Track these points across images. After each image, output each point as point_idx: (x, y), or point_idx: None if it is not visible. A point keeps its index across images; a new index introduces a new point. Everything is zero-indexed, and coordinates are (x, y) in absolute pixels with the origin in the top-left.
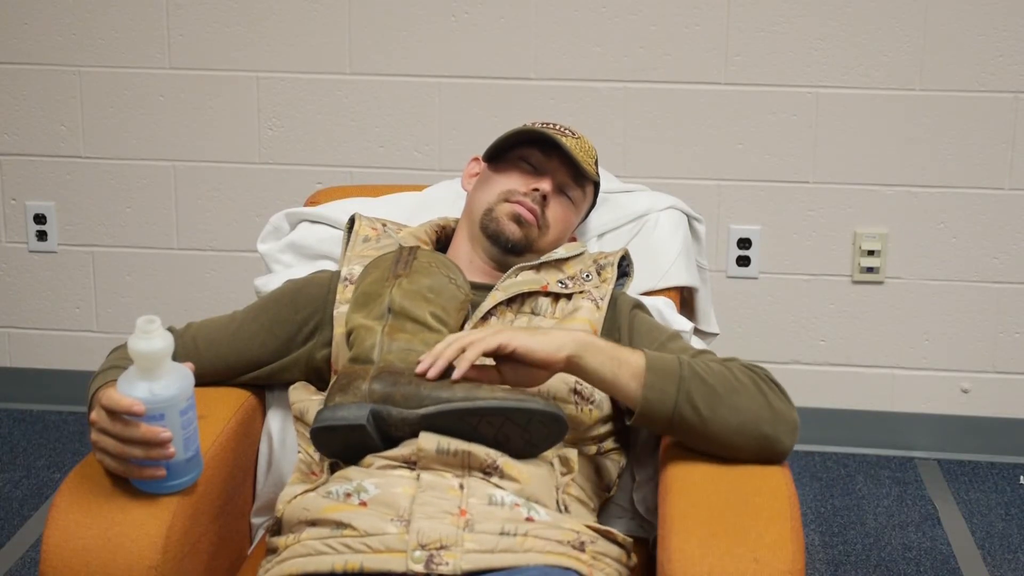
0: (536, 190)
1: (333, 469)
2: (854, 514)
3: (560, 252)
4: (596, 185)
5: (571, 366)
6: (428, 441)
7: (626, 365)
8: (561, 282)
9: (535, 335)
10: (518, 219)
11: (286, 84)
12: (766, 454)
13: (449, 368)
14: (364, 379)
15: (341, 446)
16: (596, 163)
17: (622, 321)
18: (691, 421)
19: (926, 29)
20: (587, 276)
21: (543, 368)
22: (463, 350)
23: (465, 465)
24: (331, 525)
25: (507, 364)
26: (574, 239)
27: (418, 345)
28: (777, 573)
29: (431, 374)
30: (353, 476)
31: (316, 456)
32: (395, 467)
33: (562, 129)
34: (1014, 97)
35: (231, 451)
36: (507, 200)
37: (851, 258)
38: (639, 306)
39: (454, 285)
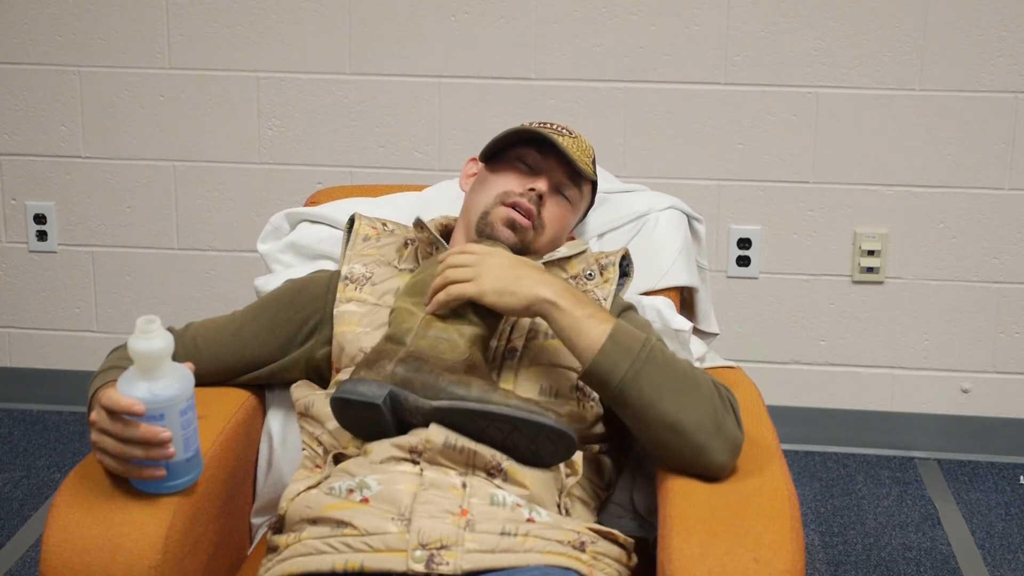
0: (532, 190)
1: (337, 461)
2: (854, 514)
3: (562, 251)
4: (594, 184)
5: (538, 316)
6: (437, 434)
7: (585, 336)
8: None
9: (506, 290)
10: (512, 224)
11: (286, 84)
12: (695, 463)
13: (474, 361)
14: (390, 359)
15: (356, 420)
16: (594, 162)
17: None
18: (633, 400)
19: (926, 29)
20: (589, 275)
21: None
22: (444, 288)
23: (470, 464)
24: (332, 524)
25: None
26: (573, 238)
27: (453, 335)
28: (777, 573)
29: (430, 310)
30: (356, 471)
31: (320, 450)
32: (399, 461)
33: (559, 128)
34: (1014, 97)
35: (231, 451)
36: (503, 202)
37: (851, 258)
38: (628, 308)
39: None
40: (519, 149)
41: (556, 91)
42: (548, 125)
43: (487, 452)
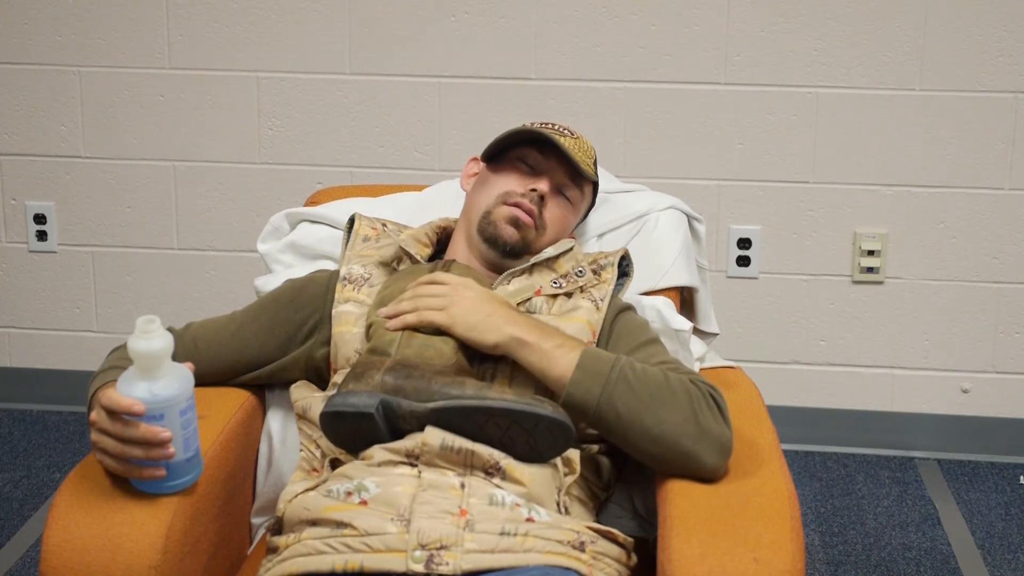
0: (533, 190)
1: (334, 466)
2: (854, 514)
3: (549, 251)
4: (595, 185)
5: (507, 354)
6: (433, 436)
7: (556, 365)
8: (555, 282)
9: (476, 326)
10: (515, 222)
11: (286, 84)
12: (687, 469)
13: (461, 365)
14: (378, 370)
15: (349, 434)
16: (595, 163)
17: (607, 324)
18: (611, 422)
19: (926, 29)
20: (579, 272)
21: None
22: (415, 309)
23: (467, 464)
24: (331, 524)
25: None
26: (573, 239)
27: (437, 343)
28: (777, 573)
29: (390, 324)
30: (353, 474)
31: (318, 453)
32: (396, 464)
33: (560, 129)
34: (1014, 97)
35: (231, 451)
36: (504, 202)
37: (851, 258)
38: (626, 309)
39: None
40: (520, 149)
41: (556, 91)
42: (550, 125)
43: (484, 451)
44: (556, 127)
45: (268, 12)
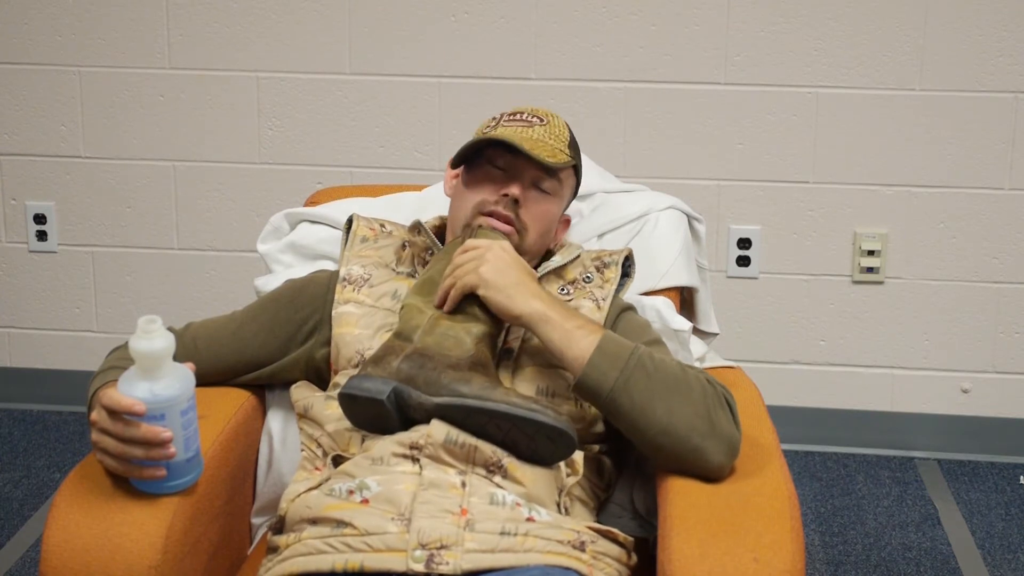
0: (506, 195)
1: (336, 463)
2: (854, 514)
3: (556, 260)
4: (575, 166)
5: (527, 327)
6: (438, 430)
7: (575, 345)
8: (562, 289)
9: (503, 290)
10: None
11: (286, 84)
12: (693, 465)
13: (478, 357)
14: (397, 356)
15: (364, 416)
16: (571, 144)
17: (608, 324)
18: (625, 409)
19: (926, 29)
20: (587, 278)
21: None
22: (452, 286)
23: (470, 459)
24: (332, 524)
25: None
26: (568, 220)
27: (459, 332)
28: (777, 573)
29: (445, 308)
30: (356, 472)
31: (319, 452)
32: (399, 458)
33: (528, 118)
34: (1014, 97)
35: (231, 451)
36: (481, 212)
37: (851, 258)
38: (627, 309)
39: None
40: (490, 150)
41: (556, 91)
42: (518, 116)
43: (488, 448)
44: (524, 116)
45: (268, 12)
